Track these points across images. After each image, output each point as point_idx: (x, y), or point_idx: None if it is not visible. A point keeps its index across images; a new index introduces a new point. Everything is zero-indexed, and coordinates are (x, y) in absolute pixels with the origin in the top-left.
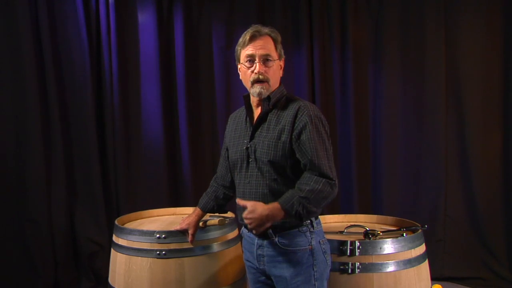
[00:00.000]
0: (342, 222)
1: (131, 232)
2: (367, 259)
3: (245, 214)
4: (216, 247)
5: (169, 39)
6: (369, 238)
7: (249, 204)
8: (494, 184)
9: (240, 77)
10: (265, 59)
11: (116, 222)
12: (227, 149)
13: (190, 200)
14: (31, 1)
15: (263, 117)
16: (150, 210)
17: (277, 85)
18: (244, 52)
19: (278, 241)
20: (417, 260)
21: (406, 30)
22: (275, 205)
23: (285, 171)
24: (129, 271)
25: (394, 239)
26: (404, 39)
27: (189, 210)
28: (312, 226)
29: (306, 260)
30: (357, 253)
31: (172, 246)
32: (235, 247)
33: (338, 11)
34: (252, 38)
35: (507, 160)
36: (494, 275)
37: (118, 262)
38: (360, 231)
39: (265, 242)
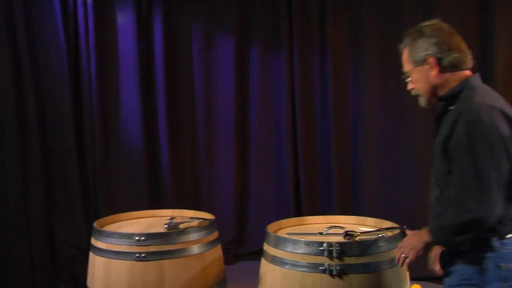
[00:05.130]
0: (322, 223)
1: (110, 234)
2: (346, 260)
3: (403, 244)
4: (196, 249)
5: (148, 40)
6: (349, 239)
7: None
8: None
9: None
10: (406, 77)
11: (94, 224)
12: None
13: (170, 202)
14: (6, 1)
15: (438, 117)
16: (129, 213)
17: (430, 86)
18: None
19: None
20: None
21: (384, 30)
22: (425, 232)
23: (449, 179)
24: (108, 274)
25: (373, 240)
26: (383, 39)
27: (169, 212)
28: (491, 247)
29: (476, 280)
30: (336, 254)
31: (152, 248)
32: (215, 249)
33: (318, 12)
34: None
35: None
36: None
37: (96, 265)
38: (339, 232)
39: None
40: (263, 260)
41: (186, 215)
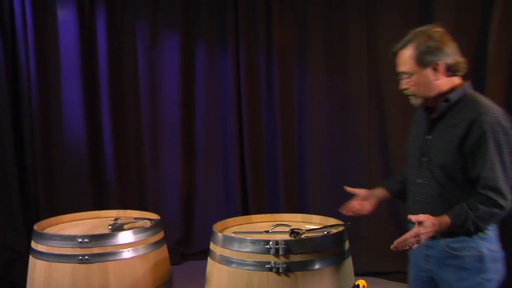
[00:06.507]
0: (269, 221)
1: (52, 237)
2: (292, 258)
3: (421, 230)
4: (141, 249)
5: (91, 37)
6: (294, 237)
7: (422, 217)
8: None
9: None
10: (403, 76)
11: (35, 227)
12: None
13: (114, 202)
14: None
15: (439, 118)
16: (72, 214)
17: (435, 89)
18: None
19: (446, 244)
20: (341, 257)
21: (330, 30)
22: (445, 219)
23: (455, 175)
24: (50, 278)
25: (318, 237)
26: (328, 39)
27: (113, 213)
28: (483, 233)
29: (472, 266)
30: (282, 252)
31: (95, 250)
32: (161, 249)
33: (264, 12)
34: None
35: None
36: None
37: (37, 269)
38: (285, 230)
39: (433, 243)
40: (209, 260)
41: (131, 216)
